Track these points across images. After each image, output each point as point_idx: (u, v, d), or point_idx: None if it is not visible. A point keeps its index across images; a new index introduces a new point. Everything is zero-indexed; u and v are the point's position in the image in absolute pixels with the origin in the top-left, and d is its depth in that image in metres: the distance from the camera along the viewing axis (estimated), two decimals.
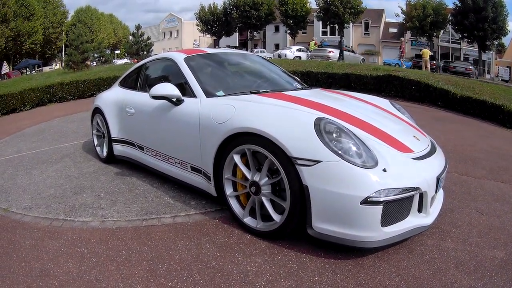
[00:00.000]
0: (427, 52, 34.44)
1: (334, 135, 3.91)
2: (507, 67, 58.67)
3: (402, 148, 4.34)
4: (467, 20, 51.97)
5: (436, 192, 4.37)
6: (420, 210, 4.17)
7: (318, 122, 3.96)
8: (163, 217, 5.07)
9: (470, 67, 43.27)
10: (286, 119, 4.19)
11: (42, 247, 4.42)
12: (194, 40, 67.81)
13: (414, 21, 56.17)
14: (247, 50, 65.09)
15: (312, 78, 20.12)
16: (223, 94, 5.43)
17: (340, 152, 3.77)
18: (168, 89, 5.33)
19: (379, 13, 75.28)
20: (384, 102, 6.28)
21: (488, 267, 4.00)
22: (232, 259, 4.02)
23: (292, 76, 7.20)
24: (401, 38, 44.14)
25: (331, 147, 3.78)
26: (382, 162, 3.87)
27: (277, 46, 73.59)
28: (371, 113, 5.29)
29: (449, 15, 57.16)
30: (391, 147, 4.24)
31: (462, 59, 60.65)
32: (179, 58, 6.08)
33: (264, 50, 62.57)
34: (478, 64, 55.22)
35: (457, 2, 54.87)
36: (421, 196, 4.09)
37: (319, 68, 21.40)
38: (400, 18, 62.26)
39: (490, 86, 21.71)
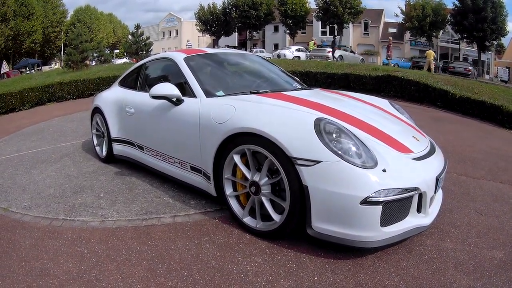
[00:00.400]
0: (431, 53, 34.89)
1: (334, 135, 3.93)
2: (506, 67, 58.74)
3: (401, 148, 4.36)
4: (467, 21, 52.05)
5: (435, 193, 4.37)
6: (419, 210, 4.18)
7: (318, 122, 3.98)
8: (162, 217, 5.08)
9: (470, 68, 43.38)
10: (286, 119, 4.20)
11: (42, 247, 4.43)
12: (187, 41, 67.34)
13: (414, 21, 56.27)
14: (246, 50, 65.12)
15: (311, 78, 20.13)
16: (223, 94, 5.44)
17: (340, 152, 3.78)
18: (168, 89, 5.34)
19: (378, 13, 75.39)
20: (383, 102, 6.31)
21: (487, 267, 4.01)
22: (232, 259, 4.03)
23: (292, 76, 7.21)
24: (389, 37, 44.23)
25: (331, 147, 3.79)
26: (381, 162, 3.89)
27: (276, 46, 73.67)
28: (370, 113, 5.31)
29: (449, 15, 57.30)
30: (390, 148, 4.25)
31: (461, 59, 60.73)
32: (179, 58, 6.09)
33: (263, 50, 62.55)
34: (477, 65, 55.37)
35: (457, 3, 54.98)
36: (420, 196, 4.10)
37: (318, 68, 21.40)
38: (400, 18, 62.42)
39: (489, 87, 21.68)
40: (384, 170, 3.82)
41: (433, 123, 12.80)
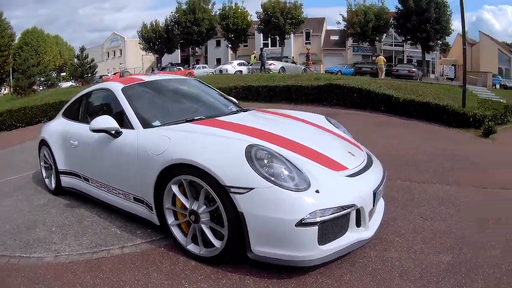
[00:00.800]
0: (381, 59, 36.31)
1: (265, 161, 4.06)
2: (452, 65, 59.57)
3: (335, 166, 4.50)
4: (410, 23, 52.41)
5: (374, 206, 4.53)
6: (358, 224, 4.30)
7: (249, 149, 4.11)
8: (111, 249, 5.10)
9: (413, 69, 43.61)
10: (218, 148, 4.34)
11: (4, 286, 4.44)
12: (120, 64, 66.33)
13: (356, 27, 56.28)
14: (189, 66, 65.13)
15: (253, 92, 20.40)
16: (159, 124, 5.52)
17: (271, 178, 3.91)
18: (106, 122, 5.42)
19: (320, 21, 75.65)
20: (319, 119, 6.46)
21: (434, 273, 4.12)
22: (179, 286, 4.09)
23: (229, 98, 7.39)
24: (307, 48, 44.76)
25: (263, 174, 3.92)
26: (315, 183, 4.02)
27: (218, 61, 73.12)
28: (305, 132, 5.50)
29: (391, 18, 57.60)
30: (324, 167, 4.40)
31: (405, 61, 61.57)
32: (117, 88, 6.17)
33: (206, 65, 62.18)
34: (422, 65, 56.04)
35: (400, 6, 55.33)
36: (358, 211, 4.23)
37: (260, 81, 21.65)
38: (342, 25, 62.51)
39: (434, 87, 22.06)
40: (317, 191, 3.95)
41: (377, 128, 12.96)
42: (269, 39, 68.64)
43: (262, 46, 51.29)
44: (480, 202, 6.49)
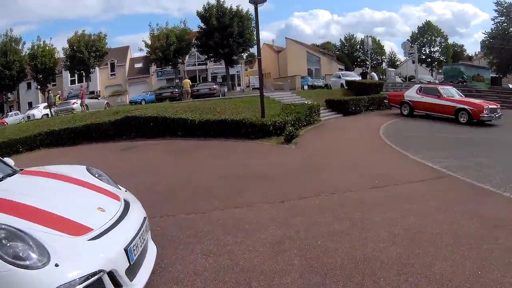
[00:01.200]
0: (187, 83, 39.18)
1: (4, 241, 3.81)
2: None
3: (78, 230, 4.30)
4: (212, 40, 53.03)
5: (131, 262, 4.36)
6: (118, 286, 4.15)
7: None
8: None
9: (214, 86, 43.51)
10: None
11: None
12: None
13: (158, 52, 56.12)
14: (3, 114, 62.47)
15: (56, 137, 19.81)
16: None
17: (10, 259, 3.67)
18: None
19: (124, 50, 75.23)
20: (79, 171, 6.20)
21: None
22: None
23: (3, 160, 6.89)
24: (81, 85, 45.17)
25: (1, 256, 3.66)
26: (54, 256, 3.82)
27: (30, 105, 70.04)
28: (56, 194, 5.27)
29: (194, 38, 58.08)
30: (66, 235, 4.18)
31: (210, 79, 62.59)
32: None
33: (18, 112, 59.45)
34: (226, 80, 57.10)
35: (202, 25, 55.85)
36: (111, 273, 4.06)
37: (62, 124, 21.16)
38: (145, 52, 62.01)
39: (233, 102, 22.43)
40: (56, 265, 3.75)
41: (169, 157, 12.63)
42: (76, 75, 67.34)
43: (49, 89, 50.16)
44: (273, 220, 6.30)
